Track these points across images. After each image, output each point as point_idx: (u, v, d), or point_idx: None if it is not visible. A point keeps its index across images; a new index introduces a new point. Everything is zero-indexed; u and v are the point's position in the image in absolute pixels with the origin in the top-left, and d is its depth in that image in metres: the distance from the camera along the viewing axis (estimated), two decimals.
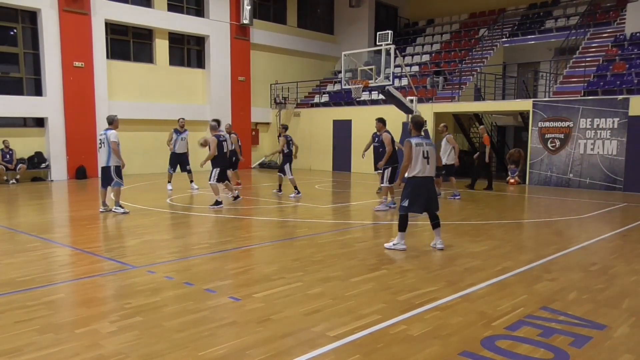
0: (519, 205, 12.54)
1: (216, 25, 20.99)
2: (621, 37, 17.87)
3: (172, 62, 20.34)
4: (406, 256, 6.79)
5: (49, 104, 16.72)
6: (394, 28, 24.57)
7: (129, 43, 19.24)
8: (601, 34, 18.75)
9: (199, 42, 21.22)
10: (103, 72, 17.81)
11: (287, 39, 24.01)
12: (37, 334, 4.04)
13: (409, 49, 24.52)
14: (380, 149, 11.26)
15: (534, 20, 21.88)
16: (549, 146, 15.79)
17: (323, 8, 26.49)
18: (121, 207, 10.08)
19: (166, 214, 10.28)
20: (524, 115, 18.84)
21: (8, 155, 15.76)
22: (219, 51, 21.16)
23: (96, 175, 17.48)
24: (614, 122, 14.54)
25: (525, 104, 16.93)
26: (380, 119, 11.33)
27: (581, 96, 15.66)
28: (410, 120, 7.33)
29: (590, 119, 14.95)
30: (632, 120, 14.21)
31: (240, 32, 21.71)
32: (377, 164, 11.44)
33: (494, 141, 21.29)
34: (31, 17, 16.69)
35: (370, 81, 15.86)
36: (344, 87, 17.83)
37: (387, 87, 15.78)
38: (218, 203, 10.84)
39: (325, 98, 22.75)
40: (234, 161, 13.51)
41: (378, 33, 16.06)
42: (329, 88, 23.73)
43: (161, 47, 19.86)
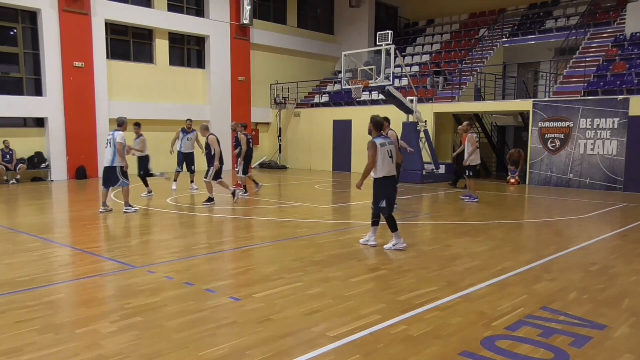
0: (519, 205, 12.54)
1: (216, 25, 21.00)
2: (621, 37, 17.87)
3: (172, 62, 20.34)
4: (406, 256, 6.79)
5: (49, 104, 16.72)
6: (394, 28, 24.57)
7: (129, 43, 19.25)
8: (601, 34, 18.75)
9: (199, 42, 21.22)
10: (103, 72, 17.82)
11: (287, 39, 24.02)
12: (37, 334, 4.04)
13: (409, 49, 24.52)
14: None
15: (534, 20, 21.88)
16: (549, 146, 15.80)
17: (323, 8, 26.49)
18: (131, 206, 10.17)
19: (166, 214, 10.28)
20: (524, 115, 18.85)
21: (8, 155, 15.76)
22: (219, 51, 21.16)
23: (96, 175, 17.50)
24: (614, 122, 14.54)
25: (525, 104, 16.93)
26: (385, 118, 10.93)
27: (581, 96, 15.66)
28: (370, 121, 7.16)
29: (590, 119, 14.95)
30: (632, 120, 14.21)
31: (240, 32, 21.71)
32: None
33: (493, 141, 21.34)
34: (31, 17, 16.69)
35: (370, 81, 15.88)
36: (344, 87, 17.86)
37: (387, 87, 15.80)
38: (210, 200, 11.20)
39: (325, 98, 22.76)
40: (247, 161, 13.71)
41: (378, 33, 16.09)
42: (329, 88, 23.73)
43: (161, 47, 19.86)
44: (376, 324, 4.30)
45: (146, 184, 12.82)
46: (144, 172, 12.75)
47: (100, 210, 10.10)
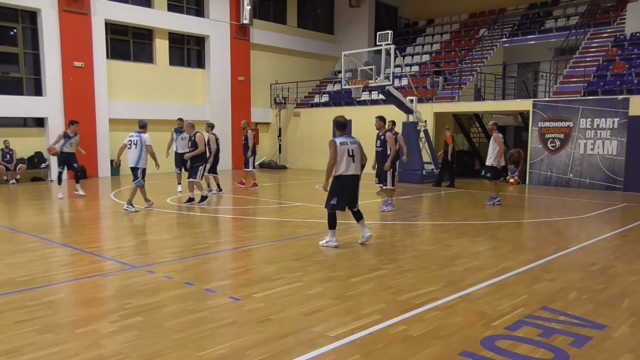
0: (519, 205, 12.53)
1: (216, 25, 21.00)
2: (621, 37, 17.87)
3: (172, 62, 20.34)
4: (406, 256, 6.79)
5: (49, 104, 16.72)
6: (394, 28, 24.57)
7: (129, 43, 19.25)
8: (601, 34, 18.75)
9: (199, 42, 21.22)
10: (103, 72, 17.82)
11: (287, 39, 24.02)
12: (37, 334, 4.04)
13: (409, 49, 24.52)
14: (381, 150, 10.73)
15: (534, 20, 21.89)
16: (549, 146, 15.80)
17: (323, 8, 26.49)
18: (132, 205, 10.39)
19: (166, 214, 10.28)
20: (524, 115, 18.84)
21: (8, 155, 15.76)
22: (219, 51, 21.16)
23: (96, 175, 17.53)
24: (614, 122, 14.54)
25: (525, 104, 16.93)
26: (380, 117, 10.74)
27: (581, 96, 15.66)
28: (333, 121, 7.40)
29: (590, 119, 14.95)
30: (632, 120, 14.21)
31: (240, 32, 21.72)
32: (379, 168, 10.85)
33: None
34: (31, 17, 16.69)
35: (370, 81, 15.88)
36: (344, 87, 17.86)
37: (387, 87, 15.80)
38: (204, 198, 11.39)
39: (325, 98, 22.76)
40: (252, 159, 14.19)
41: (378, 33, 16.09)
42: (329, 88, 23.73)
43: (161, 47, 19.87)
44: (376, 324, 4.29)
45: None
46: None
47: (145, 207, 10.60)
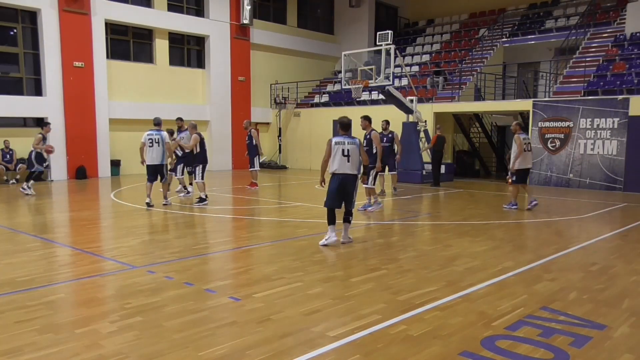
0: (518, 205, 12.51)
1: (216, 25, 21.00)
2: (621, 37, 17.87)
3: (172, 62, 20.35)
4: (406, 256, 6.79)
5: (49, 104, 16.72)
6: (394, 28, 24.56)
7: (129, 43, 19.25)
8: (601, 34, 18.75)
9: (199, 42, 21.22)
10: (103, 72, 17.82)
11: (287, 39, 24.01)
12: (37, 334, 4.04)
13: (409, 49, 24.52)
14: (367, 149, 10.22)
15: (534, 20, 21.88)
16: (549, 146, 15.79)
17: (323, 8, 26.49)
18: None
19: (166, 214, 10.29)
20: (524, 115, 18.84)
21: (8, 155, 15.76)
22: (219, 51, 21.16)
23: (96, 175, 17.54)
24: (614, 122, 14.54)
25: (525, 104, 16.92)
26: (365, 117, 10.28)
27: (581, 96, 15.66)
28: (337, 121, 7.62)
29: (590, 119, 14.95)
30: (632, 120, 14.20)
31: (240, 32, 21.71)
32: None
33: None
34: (31, 17, 16.69)
35: (370, 81, 15.88)
36: (344, 87, 17.85)
37: (387, 87, 15.80)
38: (202, 200, 11.26)
39: (325, 98, 22.75)
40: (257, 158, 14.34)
41: (378, 33, 16.08)
42: (329, 88, 23.73)
43: (161, 47, 19.87)
44: (376, 324, 4.29)
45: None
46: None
47: (147, 201, 10.71)
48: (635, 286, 5.51)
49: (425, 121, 17.54)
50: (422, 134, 17.25)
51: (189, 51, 21.18)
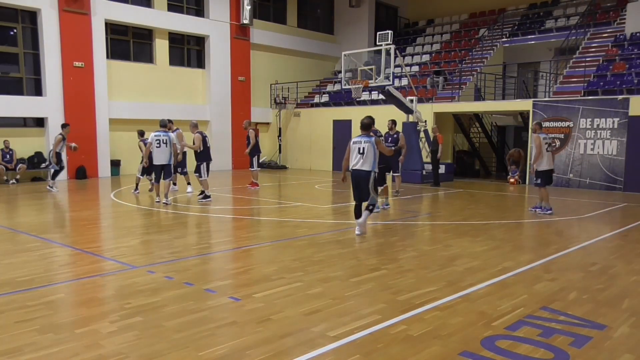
0: (519, 205, 12.53)
1: (216, 25, 20.99)
2: (621, 37, 17.87)
3: (172, 62, 20.34)
4: (406, 256, 6.79)
5: (49, 104, 16.72)
6: (394, 28, 24.56)
7: (129, 43, 19.25)
8: (601, 34, 18.75)
9: (199, 42, 21.22)
10: (103, 72, 17.81)
11: (287, 39, 24.01)
12: (37, 334, 4.04)
13: (409, 49, 24.52)
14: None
15: (534, 20, 21.88)
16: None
17: (323, 8, 26.49)
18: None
19: (166, 214, 10.29)
20: (524, 115, 18.84)
21: (8, 155, 15.76)
22: (219, 51, 21.16)
23: (96, 175, 17.53)
24: (614, 122, 14.54)
25: (525, 104, 16.92)
26: (370, 118, 10.44)
27: (581, 96, 15.66)
28: (361, 122, 8.11)
29: (590, 119, 14.95)
30: (632, 120, 14.21)
31: (240, 32, 21.71)
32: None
33: (492, 141, 21.34)
34: (31, 17, 16.69)
35: (370, 81, 15.88)
36: (344, 87, 17.85)
37: (387, 87, 15.80)
38: (207, 197, 11.56)
39: (325, 98, 22.75)
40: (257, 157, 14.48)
41: (378, 33, 16.08)
42: (329, 88, 23.73)
43: (161, 47, 19.86)
44: (376, 324, 4.29)
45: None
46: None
47: (165, 202, 11.03)
48: (635, 286, 5.51)
49: (425, 121, 17.54)
50: (422, 134, 17.26)
51: (189, 51, 21.18)
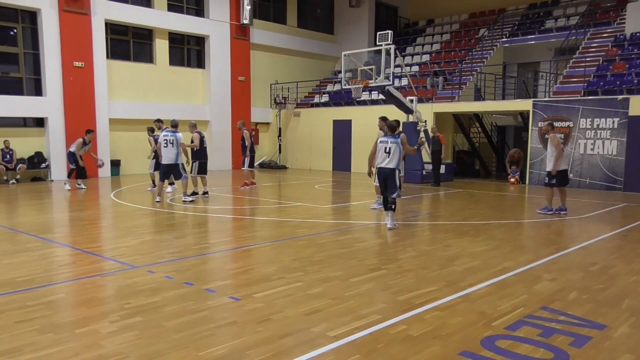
0: (519, 205, 12.53)
1: (216, 25, 20.99)
2: (621, 37, 17.87)
3: (172, 62, 20.34)
4: (406, 256, 6.79)
5: (49, 104, 16.72)
6: (394, 28, 24.57)
7: (129, 43, 19.24)
8: (601, 34, 18.75)
9: (199, 42, 21.22)
10: (103, 72, 17.81)
11: (287, 39, 24.01)
12: (37, 334, 4.04)
13: (409, 49, 24.51)
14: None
15: (534, 20, 21.88)
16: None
17: (323, 8, 26.48)
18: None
19: (166, 214, 10.29)
20: (524, 115, 18.84)
21: (8, 155, 15.75)
22: (219, 51, 21.16)
23: (96, 175, 17.51)
24: (614, 122, 14.54)
25: (525, 104, 16.93)
26: (382, 117, 10.81)
27: (581, 96, 15.66)
28: (385, 123, 9.07)
29: (590, 119, 14.95)
30: (632, 120, 14.20)
31: (240, 32, 21.71)
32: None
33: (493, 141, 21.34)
34: (31, 17, 16.69)
35: (370, 81, 15.88)
36: (344, 87, 17.85)
37: (387, 87, 15.80)
38: (194, 194, 11.92)
39: (325, 98, 22.75)
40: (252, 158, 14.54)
41: (378, 33, 16.08)
42: (329, 88, 23.73)
43: (161, 47, 19.86)
44: (376, 324, 4.29)
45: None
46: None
47: (157, 201, 11.34)
48: (635, 286, 5.51)
49: (425, 121, 17.54)
50: (422, 134, 17.26)
51: (189, 51, 21.18)
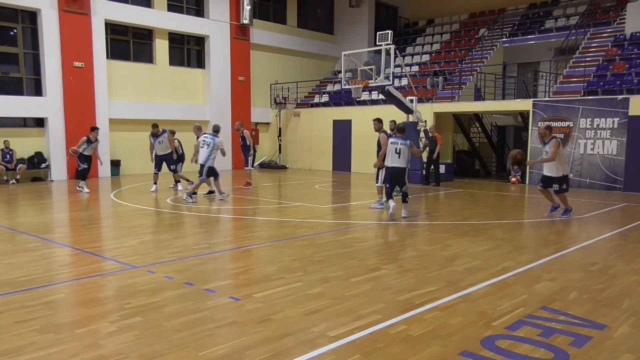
0: (519, 205, 12.54)
1: (216, 25, 20.99)
2: (621, 37, 17.87)
3: (172, 62, 20.33)
4: (406, 256, 6.79)
5: (49, 104, 16.72)
6: (394, 28, 24.57)
7: (129, 43, 19.24)
8: (601, 34, 18.74)
9: (199, 42, 21.21)
10: (103, 72, 17.81)
11: (287, 39, 24.01)
12: (37, 334, 4.04)
13: (409, 49, 24.51)
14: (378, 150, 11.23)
15: (534, 20, 21.88)
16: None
17: (323, 8, 26.48)
18: (190, 197, 11.55)
19: (166, 214, 10.29)
20: (524, 115, 18.84)
21: (8, 156, 15.75)
22: (219, 51, 21.16)
23: (96, 175, 17.53)
24: (614, 122, 14.54)
25: (525, 104, 16.92)
26: (376, 119, 11.36)
27: (581, 96, 15.66)
28: (396, 125, 10.13)
29: (590, 118, 14.95)
30: (632, 120, 14.20)
31: (240, 32, 21.71)
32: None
33: (494, 141, 21.34)
34: (31, 17, 16.69)
35: (370, 81, 15.87)
36: (344, 87, 17.84)
37: (387, 87, 15.79)
38: (210, 192, 12.16)
39: (325, 98, 22.75)
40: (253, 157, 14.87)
41: (378, 33, 16.07)
42: (329, 88, 23.72)
43: (161, 47, 19.86)
44: (376, 324, 4.29)
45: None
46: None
47: (220, 198, 11.89)
48: (635, 286, 5.51)
49: (425, 121, 17.54)
50: (422, 134, 17.26)
51: (189, 51, 21.18)
